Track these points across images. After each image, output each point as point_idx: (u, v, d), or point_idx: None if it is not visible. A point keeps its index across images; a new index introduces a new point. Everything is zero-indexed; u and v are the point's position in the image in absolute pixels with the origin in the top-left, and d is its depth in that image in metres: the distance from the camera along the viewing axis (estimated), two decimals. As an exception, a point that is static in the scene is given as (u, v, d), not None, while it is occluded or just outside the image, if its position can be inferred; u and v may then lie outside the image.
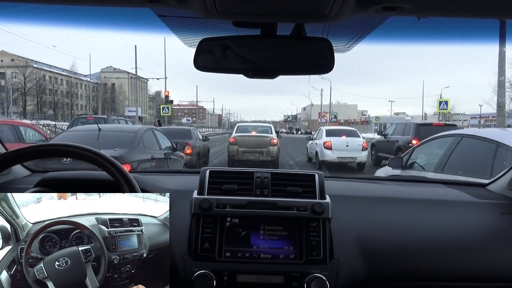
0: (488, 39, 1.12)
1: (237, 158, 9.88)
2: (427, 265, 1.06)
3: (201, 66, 1.00)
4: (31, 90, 47.51)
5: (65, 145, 1.01)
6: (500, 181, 1.40)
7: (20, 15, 0.97)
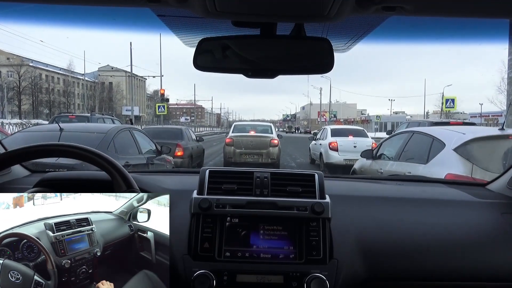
0: (488, 38, 1.13)
1: (234, 161, 9.09)
2: (427, 265, 1.06)
3: (200, 66, 1.00)
4: (26, 89, 47.27)
5: (64, 145, 1.01)
6: (500, 180, 1.41)
7: (19, 15, 0.97)
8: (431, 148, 3.70)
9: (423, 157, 3.78)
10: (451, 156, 3.37)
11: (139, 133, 5.13)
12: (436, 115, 44.46)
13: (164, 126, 13.75)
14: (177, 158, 7.62)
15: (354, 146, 9.45)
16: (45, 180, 1.11)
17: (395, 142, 4.73)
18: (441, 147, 3.56)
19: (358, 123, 52.11)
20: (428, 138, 3.86)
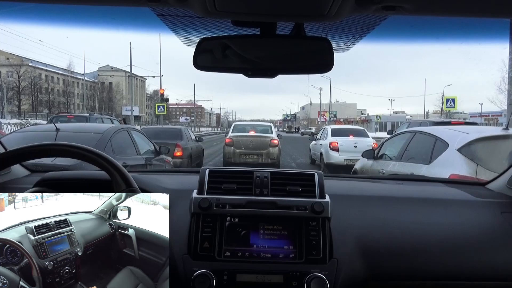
0: (488, 38, 1.13)
1: (234, 161, 9.05)
2: (427, 264, 1.06)
3: (200, 65, 1.00)
4: (26, 89, 47.25)
5: (64, 144, 1.01)
6: (500, 180, 1.41)
7: (19, 15, 0.97)
8: (434, 148, 3.65)
9: (425, 157, 3.73)
10: (455, 157, 3.31)
11: (137, 133, 5.04)
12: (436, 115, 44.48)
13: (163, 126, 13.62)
14: (176, 158, 7.56)
15: (355, 146, 9.34)
16: (45, 180, 1.11)
17: (397, 142, 4.68)
18: (444, 147, 3.50)
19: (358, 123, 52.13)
20: (431, 138, 3.81)
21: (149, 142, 5.22)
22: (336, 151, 9.36)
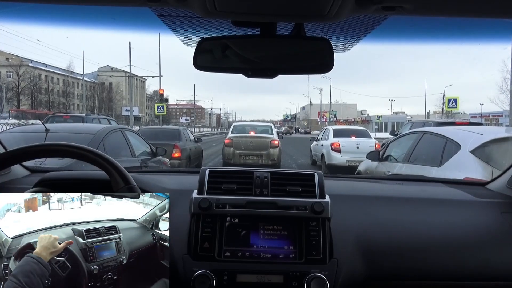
0: (489, 38, 1.13)
1: (233, 162, 8.90)
2: (427, 264, 1.06)
3: (200, 65, 1.00)
4: (26, 89, 47.24)
5: (63, 144, 1.01)
6: (500, 180, 1.41)
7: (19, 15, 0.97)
8: (445, 150, 3.45)
9: (435, 159, 3.53)
10: (468, 159, 3.11)
11: (132, 134, 4.85)
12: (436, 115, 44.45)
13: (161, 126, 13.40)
14: (174, 159, 7.42)
15: (357, 147, 9.18)
16: (45, 180, 1.11)
17: (403, 143, 4.49)
18: (456, 148, 3.30)
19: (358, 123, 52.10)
20: (441, 139, 3.60)
21: (145, 143, 5.07)
22: (338, 152, 9.21)
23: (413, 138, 4.24)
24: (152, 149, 5.09)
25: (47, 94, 52.50)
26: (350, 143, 9.34)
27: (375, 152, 4.99)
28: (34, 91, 48.78)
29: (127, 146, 4.44)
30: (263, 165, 8.71)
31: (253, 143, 9.14)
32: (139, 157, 4.63)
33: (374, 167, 4.86)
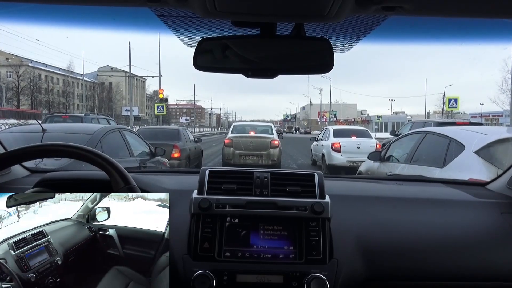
0: (489, 38, 1.13)
1: (233, 162, 8.88)
2: (427, 265, 1.06)
3: (200, 66, 1.00)
4: (25, 89, 47.23)
5: (64, 145, 1.01)
6: (500, 180, 1.41)
7: (19, 15, 0.97)
8: (448, 151, 3.40)
9: (438, 160, 3.48)
10: (473, 160, 3.06)
11: (130, 134, 4.77)
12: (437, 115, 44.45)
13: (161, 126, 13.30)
14: (174, 159, 7.37)
15: (358, 147, 9.11)
16: (45, 180, 1.11)
17: (405, 144, 4.43)
18: (460, 149, 3.25)
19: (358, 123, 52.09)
20: (444, 139, 3.55)
21: (143, 143, 5.01)
22: (338, 152, 9.14)
23: (416, 139, 4.19)
24: (151, 149, 5.04)
25: (47, 94, 52.47)
26: (351, 143, 9.28)
27: (377, 152, 4.93)
28: (34, 91, 48.76)
29: (125, 146, 4.38)
30: (263, 165, 8.68)
31: (253, 143, 9.12)
32: (137, 157, 4.58)
33: (375, 167, 4.80)
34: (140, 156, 4.69)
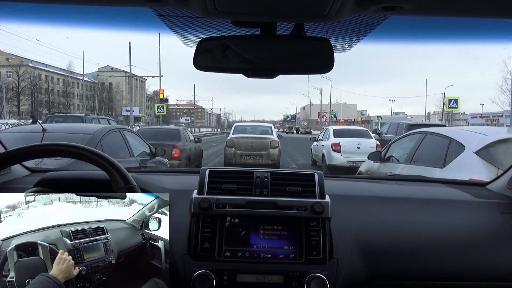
0: (489, 38, 1.13)
1: (235, 162, 9.21)
2: (427, 265, 1.06)
3: (200, 65, 1.00)
4: (26, 89, 47.24)
5: (64, 144, 1.01)
6: (500, 180, 1.41)
7: (19, 15, 0.97)
8: (448, 151, 3.42)
9: (439, 160, 3.48)
10: (473, 160, 3.06)
11: (130, 134, 4.75)
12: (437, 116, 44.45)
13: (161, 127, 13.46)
14: (174, 159, 7.43)
15: (358, 148, 9.16)
16: (45, 180, 1.11)
17: (405, 144, 4.45)
18: (460, 149, 3.26)
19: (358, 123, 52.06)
20: (444, 139, 3.56)
21: (144, 143, 5.02)
22: (338, 153, 9.18)
23: (416, 139, 4.20)
24: (151, 149, 5.04)
25: (47, 94, 52.49)
26: (351, 144, 9.30)
27: (377, 153, 4.94)
28: (34, 91, 48.76)
29: (126, 147, 4.39)
30: (263, 165, 8.91)
31: (253, 144, 9.36)
32: (137, 157, 4.59)
33: (375, 168, 4.81)
34: (140, 156, 4.72)
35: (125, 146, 4.37)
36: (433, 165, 3.55)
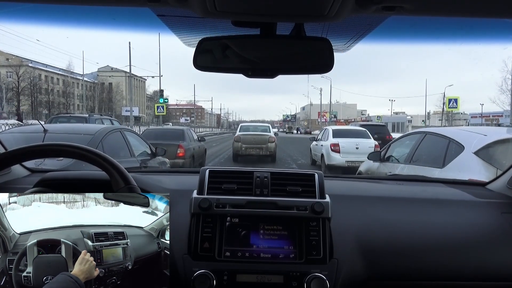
0: (489, 38, 1.13)
1: (241, 153, 11.87)
2: (427, 264, 1.06)
3: (200, 65, 1.00)
4: (25, 89, 47.23)
5: (64, 144, 1.01)
6: (500, 180, 1.41)
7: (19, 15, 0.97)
8: (447, 151, 3.43)
9: (438, 160, 3.50)
10: (472, 160, 3.07)
11: (131, 134, 4.82)
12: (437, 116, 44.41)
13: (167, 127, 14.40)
14: (179, 158, 7.86)
15: (356, 148, 9.31)
16: (45, 180, 1.11)
17: (405, 144, 4.48)
18: (459, 150, 3.27)
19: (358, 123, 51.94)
20: (444, 140, 3.58)
21: (144, 143, 5.09)
22: (337, 153, 9.33)
23: (415, 139, 4.24)
24: (152, 149, 5.09)
25: (47, 94, 52.44)
26: (350, 144, 9.43)
27: (377, 153, 4.98)
28: (34, 91, 48.74)
29: (126, 147, 4.44)
30: (262, 155, 11.81)
31: (255, 139, 11.95)
32: (138, 157, 4.64)
33: (375, 167, 4.83)
34: (141, 156, 4.77)
35: (126, 146, 4.43)
36: (432, 165, 3.57)
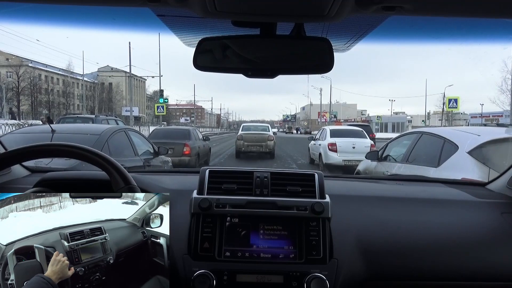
0: (489, 38, 1.13)
1: (243, 150, 13.19)
2: (427, 264, 1.06)
3: (200, 65, 1.00)
4: (25, 89, 47.23)
5: (63, 144, 1.01)
6: (500, 180, 1.41)
7: (19, 15, 0.97)
8: (443, 151, 3.51)
9: (433, 160, 3.58)
10: (465, 160, 3.13)
11: (135, 135, 4.97)
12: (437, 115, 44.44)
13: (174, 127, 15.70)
14: (185, 156, 8.61)
15: (353, 147, 9.68)
16: (45, 180, 1.11)
17: (402, 144, 4.56)
18: (453, 149, 3.34)
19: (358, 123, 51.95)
20: (439, 139, 3.67)
21: (147, 142, 5.22)
22: (334, 152, 9.72)
23: (412, 139, 4.32)
24: (155, 148, 5.19)
25: (47, 94, 52.43)
26: (346, 143, 9.81)
27: (374, 152, 5.07)
28: (34, 91, 48.73)
29: (130, 146, 4.60)
30: (262, 152, 13.10)
31: (256, 137, 13.15)
32: (141, 156, 4.78)
33: (373, 167, 4.90)
34: (144, 155, 4.92)
35: (130, 145, 4.60)
36: (428, 165, 3.65)
